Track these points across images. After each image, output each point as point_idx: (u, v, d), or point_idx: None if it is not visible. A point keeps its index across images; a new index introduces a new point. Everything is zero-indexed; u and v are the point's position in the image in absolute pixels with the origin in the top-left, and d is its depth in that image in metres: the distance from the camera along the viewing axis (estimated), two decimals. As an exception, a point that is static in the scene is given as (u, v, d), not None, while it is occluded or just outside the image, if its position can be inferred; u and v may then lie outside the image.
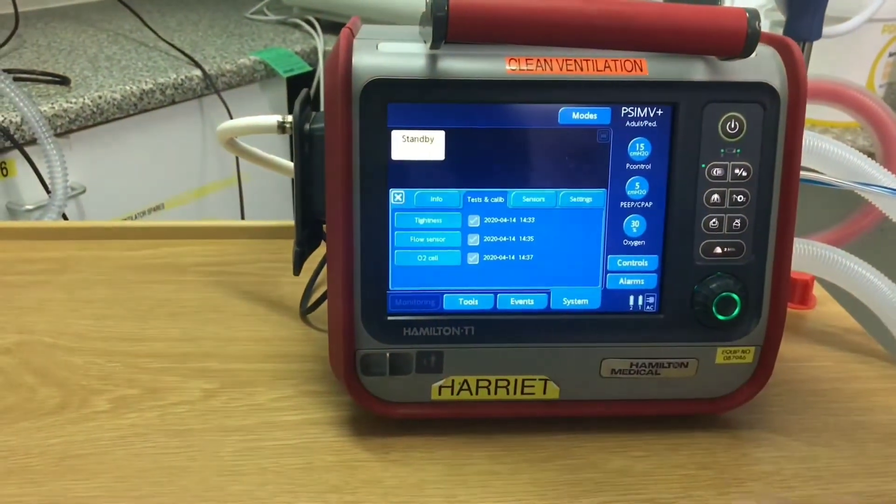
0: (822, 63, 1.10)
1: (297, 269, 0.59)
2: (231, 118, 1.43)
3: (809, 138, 0.64)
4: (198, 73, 1.38)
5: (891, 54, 1.18)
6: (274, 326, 0.66)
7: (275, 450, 0.52)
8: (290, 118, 0.60)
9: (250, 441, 0.53)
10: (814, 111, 1.20)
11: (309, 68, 1.56)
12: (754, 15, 0.45)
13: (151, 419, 0.55)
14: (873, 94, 1.14)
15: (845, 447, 0.54)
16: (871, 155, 1.13)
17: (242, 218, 1.54)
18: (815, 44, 0.98)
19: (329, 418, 0.55)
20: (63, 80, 1.28)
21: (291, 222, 0.72)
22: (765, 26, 1.26)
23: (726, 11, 0.45)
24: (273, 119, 0.62)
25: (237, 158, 1.37)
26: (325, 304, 0.62)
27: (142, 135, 1.35)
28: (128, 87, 1.28)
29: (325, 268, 0.70)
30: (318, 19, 1.68)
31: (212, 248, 0.79)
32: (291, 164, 0.65)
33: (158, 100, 1.33)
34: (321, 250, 0.61)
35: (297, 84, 1.56)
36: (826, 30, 0.97)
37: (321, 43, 1.60)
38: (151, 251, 0.78)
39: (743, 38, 0.46)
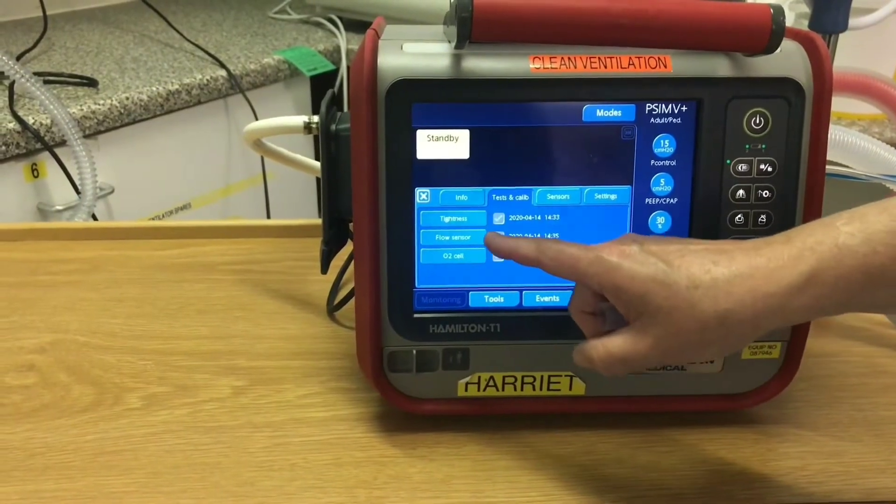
0: (850, 55, 1.09)
1: (325, 268, 0.60)
2: (256, 118, 1.44)
3: (835, 132, 0.63)
4: (223, 73, 1.40)
5: (919, 45, 1.17)
6: (301, 324, 0.67)
7: (303, 445, 0.53)
8: (315, 118, 0.60)
9: (279, 437, 0.54)
10: (840, 103, 1.18)
11: (332, 67, 1.57)
12: (779, 11, 0.45)
13: (182, 416, 0.56)
14: (901, 86, 1.13)
15: (873, 442, 0.54)
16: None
17: (268, 216, 1.55)
18: (842, 35, 0.97)
19: (357, 415, 0.56)
20: (91, 82, 1.30)
21: (317, 221, 0.73)
22: (790, 19, 1.24)
23: (750, 8, 0.45)
24: (299, 119, 0.62)
25: (262, 157, 1.39)
26: (352, 302, 0.63)
27: (168, 135, 1.36)
28: (154, 89, 1.30)
29: (351, 266, 0.70)
30: (340, 17, 1.68)
31: (239, 247, 0.80)
32: (317, 164, 0.66)
33: (184, 100, 1.35)
34: (348, 248, 0.62)
35: (321, 83, 1.57)
36: (852, 21, 0.96)
37: (344, 41, 1.61)
38: (180, 250, 0.79)
39: (767, 35, 0.46)
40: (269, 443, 0.53)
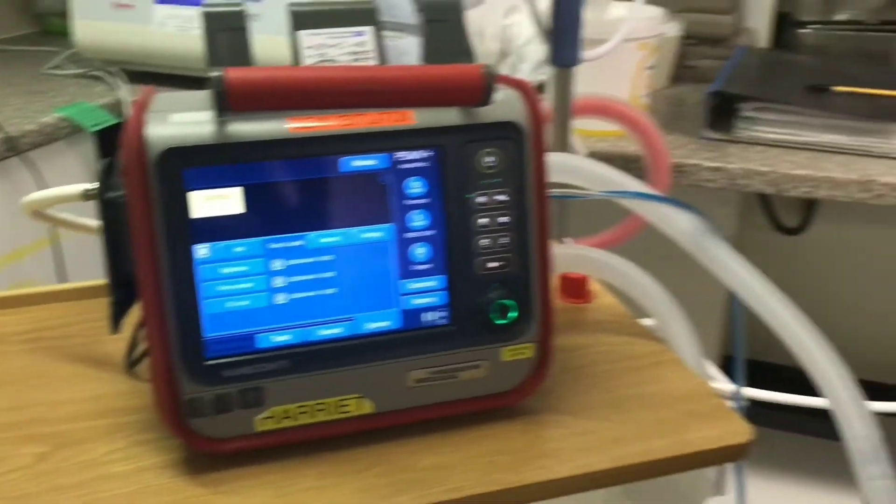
0: (592, 81, 1.23)
1: (115, 328, 0.63)
2: (34, 181, 1.40)
3: (564, 158, 0.74)
4: (-2, 135, 1.35)
5: (648, 68, 1.34)
6: (101, 384, 0.69)
7: (111, 500, 0.56)
8: (93, 186, 0.63)
9: (86, 495, 0.56)
10: (590, 123, 1.33)
11: (115, 120, 1.55)
12: (489, 70, 0.54)
13: (-16, 491, 0.57)
14: (636, 106, 1.30)
15: (619, 418, 0.64)
16: (642, 157, 1.28)
17: (64, 278, 1.51)
18: (585, 64, 1.11)
19: (162, 462, 0.59)
20: None
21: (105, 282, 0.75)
22: (542, 53, 1.37)
23: (464, 69, 0.54)
24: (77, 188, 0.65)
25: (50, 218, 1.35)
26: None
27: (-58, 204, 1.30)
28: (-79, 158, 1.24)
29: (147, 321, 0.73)
30: (123, 70, 1.67)
31: (30, 315, 0.79)
32: (94, 225, 0.68)
33: (-43, 167, 1.29)
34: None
35: (106, 136, 1.55)
36: (587, 53, 1.10)
37: (125, 94, 1.59)
38: (-34, 326, 0.78)
39: (480, 92, 0.55)
40: (78, 502, 0.55)
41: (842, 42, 1.69)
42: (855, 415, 0.61)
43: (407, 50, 1.20)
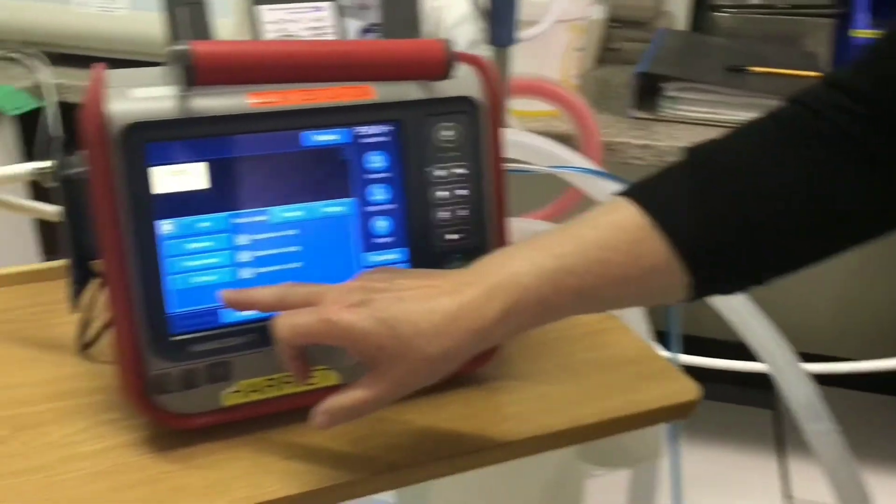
0: (525, 62, 1.26)
1: (75, 306, 0.62)
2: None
3: (515, 135, 0.76)
4: None
5: (578, 50, 1.38)
6: (54, 367, 0.68)
7: (81, 479, 0.55)
8: (45, 164, 0.62)
9: (54, 476, 0.55)
10: (524, 103, 1.36)
11: (37, 104, 1.50)
12: (449, 44, 0.56)
13: (-56, 477, 0.55)
14: (567, 86, 1.33)
15: (572, 381, 0.67)
16: (573, 136, 1.31)
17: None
18: (519, 45, 1.13)
19: (129, 441, 0.59)
20: None
21: (47, 265, 0.74)
22: (473, 34, 1.40)
23: (427, 44, 0.55)
24: (26, 167, 0.63)
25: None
26: (103, 338, 0.65)
27: None
28: None
29: (98, 302, 0.71)
30: (45, 52, 1.61)
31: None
32: (50, 208, 0.67)
33: None
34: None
35: (29, 120, 1.50)
36: (522, 34, 1.12)
37: (47, 77, 1.54)
38: None
39: (443, 64, 0.56)
40: (44, 483, 0.55)
41: (754, 25, 1.76)
42: (795, 379, 0.65)
43: (346, 31, 1.20)
